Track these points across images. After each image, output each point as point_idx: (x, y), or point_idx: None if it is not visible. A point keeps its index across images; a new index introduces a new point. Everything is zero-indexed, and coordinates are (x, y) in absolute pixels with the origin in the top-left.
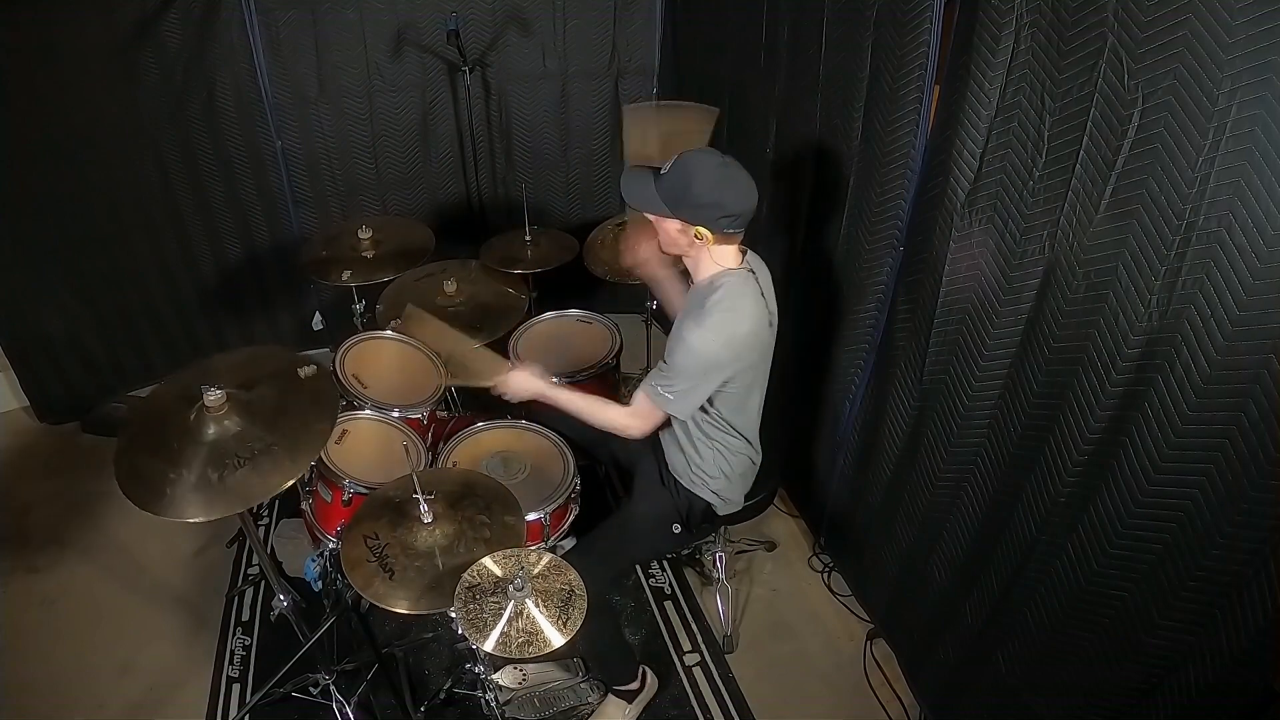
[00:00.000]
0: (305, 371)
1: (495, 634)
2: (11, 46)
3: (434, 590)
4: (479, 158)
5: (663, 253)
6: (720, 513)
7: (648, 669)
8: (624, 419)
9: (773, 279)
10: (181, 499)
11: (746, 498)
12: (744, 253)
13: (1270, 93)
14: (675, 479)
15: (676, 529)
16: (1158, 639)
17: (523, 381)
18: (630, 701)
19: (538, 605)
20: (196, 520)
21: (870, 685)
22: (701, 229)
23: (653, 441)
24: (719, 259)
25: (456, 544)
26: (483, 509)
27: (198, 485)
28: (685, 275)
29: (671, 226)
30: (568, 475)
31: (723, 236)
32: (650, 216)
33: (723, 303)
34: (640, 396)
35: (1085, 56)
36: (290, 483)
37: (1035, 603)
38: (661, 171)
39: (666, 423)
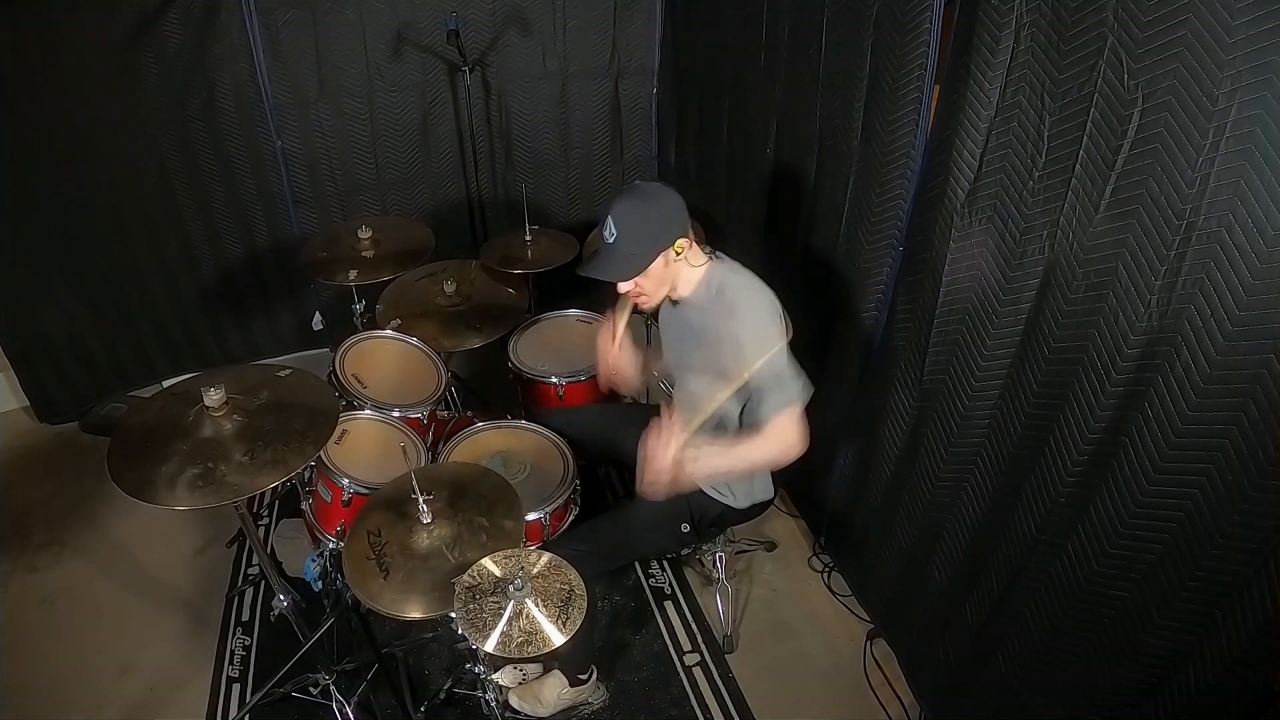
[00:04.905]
0: (283, 372)
1: (495, 634)
2: (11, 46)
3: (434, 593)
4: (479, 158)
5: (642, 310)
6: (733, 514)
7: (601, 683)
8: (777, 449)
9: (773, 279)
10: (174, 489)
11: None
12: (701, 244)
13: (1270, 93)
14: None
15: (685, 529)
16: (1158, 639)
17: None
18: (570, 685)
19: (538, 605)
20: (184, 508)
21: (870, 685)
22: (680, 241)
23: None
24: (694, 260)
25: (453, 547)
26: (484, 510)
27: (191, 478)
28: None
29: (656, 269)
30: (568, 475)
31: (688, 237)
32: (629, 282)
33: (735, 287)
34: (773, 420)
35: (1085, 56)
36: (286, 479)
37: (1035, 603)
38: (609, 240)
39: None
